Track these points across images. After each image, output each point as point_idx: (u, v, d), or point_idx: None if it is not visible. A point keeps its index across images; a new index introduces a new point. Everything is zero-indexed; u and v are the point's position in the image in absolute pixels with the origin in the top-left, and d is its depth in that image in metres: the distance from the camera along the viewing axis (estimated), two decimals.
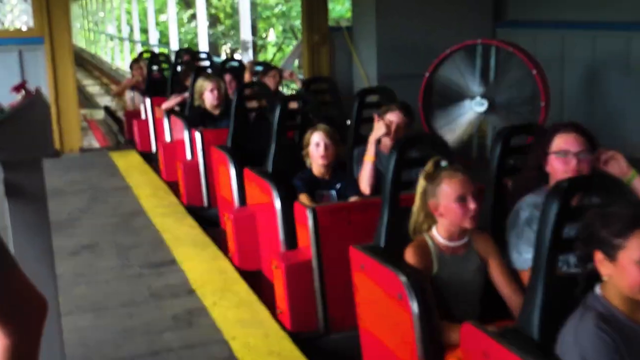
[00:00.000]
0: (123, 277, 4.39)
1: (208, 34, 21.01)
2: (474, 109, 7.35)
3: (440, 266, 2.63)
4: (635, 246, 1.90)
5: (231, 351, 3.37)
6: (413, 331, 2.47)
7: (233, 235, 4.24)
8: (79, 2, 38.34)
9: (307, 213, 3.35)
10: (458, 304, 2.65)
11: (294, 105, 5.45)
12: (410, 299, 2.45)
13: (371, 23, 9.37)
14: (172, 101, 6.67)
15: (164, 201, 6.02)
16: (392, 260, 2.64)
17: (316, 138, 3.78)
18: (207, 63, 8.13)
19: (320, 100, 4.89)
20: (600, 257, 1.98)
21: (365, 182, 3.73)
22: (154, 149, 7.69)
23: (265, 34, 28.61)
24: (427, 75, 7.53)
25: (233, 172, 4.57)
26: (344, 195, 3.80)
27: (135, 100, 8.71)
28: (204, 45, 18.37)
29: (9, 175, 2.41)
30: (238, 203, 4.54)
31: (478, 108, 7.32)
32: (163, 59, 9.23)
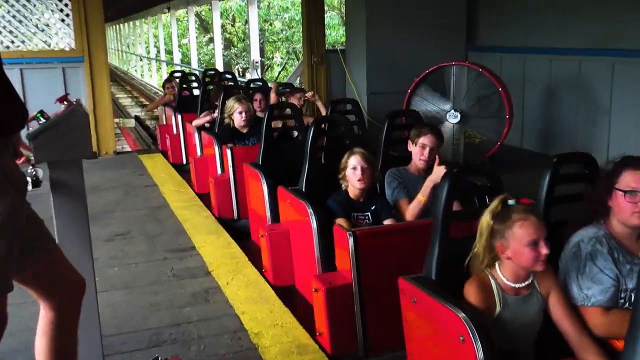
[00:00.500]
0: (150, 261, 4.38)
1: (223, 55, 21.00)
2: (448, 120, 7.36)
3: (503, 307, 2.14)
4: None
5: (241, 323, 3.37)
6: None
7: (268, 252, 3.78)
8: (114, 27, 38.29)
9: (348, 237, 2.89)
10: (515, 344, 2.20)
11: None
12: (475, 342, 1.94)
13: (362, 47, 9.36)
14: (202, 119, 6.37)
15: (185, 196, 6.01)
16: (451, 297, 2.13)
17: (353, 162, 3.34)
18: (232, 83, 7.90)
19: (350, 121, 4.33)
20: None
21: (411, 216, 3.34)
22: (184, 160, 7.48)
23: (271, 55, 28.60)
24: (409, 91, 7.54)
25: (266, 189, 4.16)
26: (378, 218, 3.39)
27: (167, 116, 8.44)
28: (219, 65, 18.38)
29: (54, 173, 2.41)
30: (271, 219, 4.12)
31: (452, 119, 7.34)
32: (192, 78, 8.95)
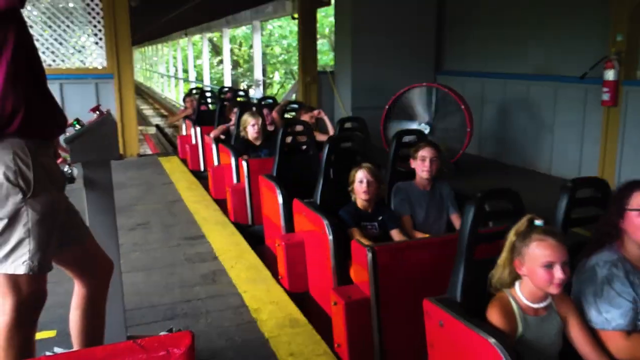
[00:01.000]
0: (166, 247, 4.36)
1: (231, 74, 20.96)
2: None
3: (524, 328, 1.88)
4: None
5: (243, 301, 3.37)
6: None
7: (284, 260, 3.50)
8: (140, 49, 38.12)
9: (367, 253, 2.60)
10: None
11: (322, 138, 4.90)
12: None
13: (348, 69, 9.38)
14: (218, 131, 6.17)
15: (196, 192, 5.98)
16: (478, 321, 1.88)
17: (360, 175, 3.20)
18: (245, 99, 7.66)
19: (362, 139, 4.01)
20: None
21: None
22: (202, 168, 7.23)
23: (272, 75, 28.57)
24: (387, 107, 7.57)
25: (281, 200, 3.87)
26: (385, 227, 3.22)
27: (187, 127, 8.17)
28: (227, 82, 18.36)
29: (87, 172, 2.41)
30: (285, 228, 3.85)
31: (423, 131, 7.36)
32: (210, 94, 8.63)
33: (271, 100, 6.94)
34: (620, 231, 2.01)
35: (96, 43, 7.65)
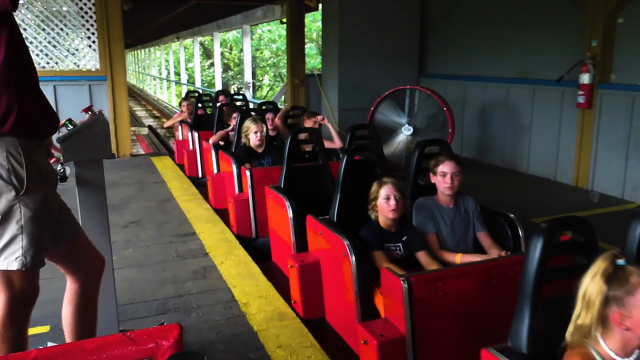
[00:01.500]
0: (158, 244, 4.34)
1: (222, 77, 20.89)
2: (403, 132, 7.43)
3: None
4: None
5: (233, 295, 3.37)
6: None
7: (297, 284, 3.05)
8: (132, 52, 37.85)
9: (402, 283, 2.19)
10: None
11: (332, 145, 4.62)
12: None
13: (334, 72, 9.38)
14: (217, 136, 5.77)
15: (188, 191, 5.95)
16: None
17: (386, 192, 2.79)
18: (243, 103, 7.38)
19: (382, 149, 3.68)
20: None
21: (436, 266, 2.71)
22: (199, 174, 6.83)
23: (261, 78, 28.52)
24: (372, 108, 7.59)
25: (291, 215, 3.44)
26: (410, 249, 2.81)
27: (183, 132, 7.71)
28: (218, 85, 18.30)
29: (79, 171, 2.39)
30: (296, 246, 3.42)
31: (406, 132, 7.41)
32: (207, 99, 8.09)
33: (272, 106, 6.49)
34: None
35: (89, 46, 7.58)
